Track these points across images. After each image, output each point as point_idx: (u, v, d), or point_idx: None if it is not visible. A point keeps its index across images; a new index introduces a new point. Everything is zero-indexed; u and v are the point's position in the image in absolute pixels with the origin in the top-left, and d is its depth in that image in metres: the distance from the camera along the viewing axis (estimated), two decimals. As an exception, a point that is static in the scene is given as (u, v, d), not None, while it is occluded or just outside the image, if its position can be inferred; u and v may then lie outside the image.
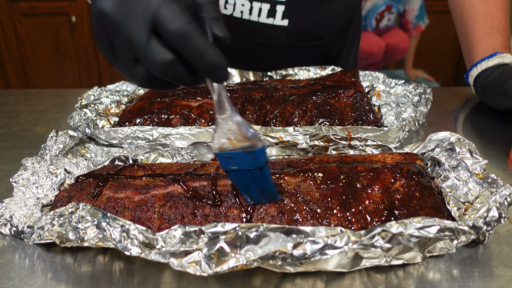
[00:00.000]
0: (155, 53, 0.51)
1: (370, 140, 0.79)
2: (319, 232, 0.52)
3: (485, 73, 1.01)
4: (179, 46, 0.51)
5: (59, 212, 0.57)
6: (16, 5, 2.87)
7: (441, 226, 0.53)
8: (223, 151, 0.59)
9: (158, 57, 0.51)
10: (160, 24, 0.50)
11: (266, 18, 1.08)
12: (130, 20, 0.51)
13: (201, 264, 0.52)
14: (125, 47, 0.52)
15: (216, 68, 0.52)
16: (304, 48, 1.17)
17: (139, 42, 0.51)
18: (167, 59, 0.51)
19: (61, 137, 0.77)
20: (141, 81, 0.55)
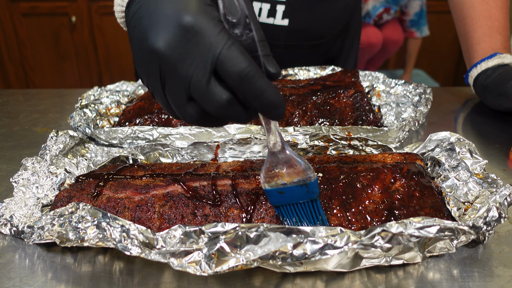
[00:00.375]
0: (214, 95, 0.51)
1: (370, 140, 0.79)
2: (319, 232, 0.52)
3: (485, 74, 1.01)
4: (239, 87, 0.50)
5: (59, 212, 0.57)
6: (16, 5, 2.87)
7: (441, 226, 0.53)
8: (274, 187, 0.58)
9: (218, 98, 0.51)
10: (222, 66, 0.50)
11: (266, 18, 1.08)
12: (189, 61, 0.50)
13: (201, 264, 0.52)
14: (180, 86, 0.52)
15: (274, 106, 0.52)
16: (304, 48, 1.17)
17: (198, 84, 0.50)
18: (225, 100, 0.51)
19: (61, 137, 0.77)
20: (192, 119, 0.54)
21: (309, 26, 1.13)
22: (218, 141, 0.79)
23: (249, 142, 0.81)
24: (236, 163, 0.71)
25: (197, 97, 0.52)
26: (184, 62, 0.50)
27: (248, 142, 0.81)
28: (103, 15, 2.95)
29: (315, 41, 1.17)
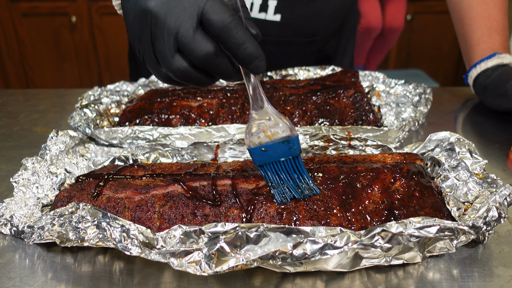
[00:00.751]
0: (200, 43, 0.55)
1: (370, 140, 0.79)
2: (319, 232, 0.52)
3: (485, 74, 1.01)
4: (222, 36, 0.55)
5: (59, 212, 0.57)
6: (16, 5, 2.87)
7: (440, 226, 0.53)
8: (257, 145, 0.61)
9: (203, 46, 0.55)
10: (206, 16, 0.55)
11: (258, 13, 1.07)
12: (177, 14, 0.55)
13: (201, 264, 0.52)
14: (169, 38, 0.56)
15: (255, 57, 0.57)
16: (297, 45, 1.15)
17: (186, 33, 0.55)
18: (211, 48, 0.56)
19: (61, 137, 0.77)
20: (180, 72, 0.58)
21: (302, 22, 1.11)
22: (218, 141, 0.79)
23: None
24: (236, 163, 0.71)
25: (185, 47, 0.56)
26: (172, 15, 0.56)
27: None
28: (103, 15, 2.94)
29: (309, 38, 1.15)
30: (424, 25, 3.17)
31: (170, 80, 0.62)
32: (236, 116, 0.90)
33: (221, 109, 0.91)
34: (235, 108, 0.91)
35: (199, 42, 0.56)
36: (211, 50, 0.56)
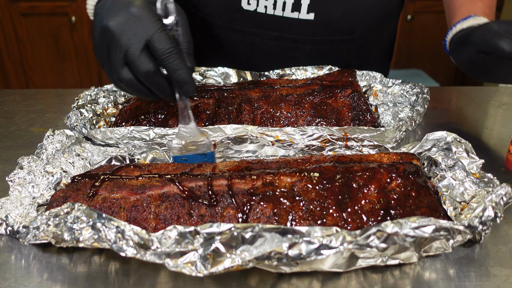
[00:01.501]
0: (143, 62, 0.71)
1: (366, 141, 0.79)
2: (315, 232, 0.52)
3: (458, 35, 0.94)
4: (162, 61, 0.71)
5: (55, 212, 0.57)
6: (16, 5, 2.87)
7: (436, 226, 0.52)
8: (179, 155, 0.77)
9: (146, 65, 0.71)
10: (153, 44, 0.70)
11: (291, 12, 1.04)
12: (129, 36, 0.70)
13: (197, 265, 0.52)
14: (120, 53, 0.71)
15: (186, 83, 0.73)
16: (334, 43, 1.11)
17: (133, 51, 0.70)
18: (151, 67, 0.71)
19: (57, 136, 0.77)
20: (125, 82, 0.73)
21: (338, 19, 1.06)
22: (214, 140, 0.79)
23: (245, 140, 0.80)
24: (232, 163, 0.71)
25: (131, 63, 0.71)
26: (125, 36, 0.70)
27: (244, 141, 0.81)
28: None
29: (347, 36, 1.10)
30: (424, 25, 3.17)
31: (120, 86, 0.76)
32: (233, 116, 0.90)
33: (217, 109, 0.90)
34: (231, 108, 0.90)
35: (142, 61, 0.70)
36: (152, 69, 0.71)
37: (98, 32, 0.73)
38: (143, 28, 0.70)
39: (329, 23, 1.06)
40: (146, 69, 0.71)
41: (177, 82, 0.73)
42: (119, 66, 0.72)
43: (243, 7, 1.05)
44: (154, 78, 0.72)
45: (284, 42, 1.09)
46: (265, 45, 1.11)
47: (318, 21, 1.05)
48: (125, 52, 0.70)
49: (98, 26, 0.73)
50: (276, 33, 1.08)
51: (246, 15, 1.06)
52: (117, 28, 0.70)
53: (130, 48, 0.70)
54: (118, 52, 0.71)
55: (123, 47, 0.70)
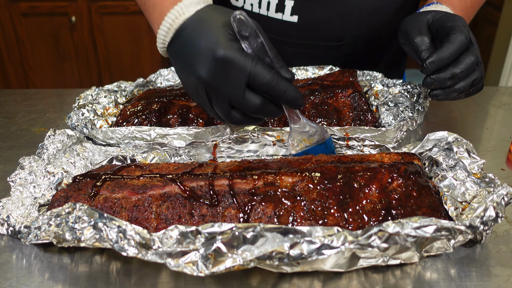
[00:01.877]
0: (249, 102, 0.70)
1: (368, 140, 0.79)
2: (316, 232, 0.52)
3: None
4: (268, 92, 0.70)
5: (56, 212, 0.57)
6: (16, 5, 2.87)
7: (437, 226, 0.52)
8: (300, 151, 0.79)
9: (252, 104, 0.70)
10: (253, 81, 0.68)
11: (275, 12, 1.03)
12: (228, 83, 0.69)
13: (198, 265, 0.52)
14: (224, 101, 0.71)
15: (296, 100, 0.72)
16: (319, 48, 1.09)
17: (237, 98, 0.70)
18: (259, 103, 0.70)
19: (58, 136, 0.77)
20: (237, 122, 0.75)
21: (322, 25, 1.04)
22: (216, 140, 0.79)
23: (246, 140, 0.80)
24: (233, 163, 0.71)
25: (238, 106, 0.71)
26: (224, 85, 0.69)
27: (246, 140, 0.81)
28: (103, 15, 2.94)
29: (333, 42, 1.08)
30: (424, 25, 3.16)
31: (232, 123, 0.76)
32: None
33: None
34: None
35: (248, 102, 0.70)
36: (259, 104, 0.70)
37: (189, 82, 0.73)
38: (238, 70, 0.68)
39: (313, 28, 1.05)
40: (255, 107, 0.70)
41: (287, 103, 0.72)
42: (226, 113, 0.73)
43: (232, 2, 1.06)
44: (264, 109, 0.71)
45: None
46: None
47: (302, 24, 1.04)
48: (229, 100, 0.70)
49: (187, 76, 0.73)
50: None
51: None
52: (211, 78, 0.69)
53: (233, 96, 0.70)
54: (222, 101, 0.71)
55: (225, 95, 0.70)
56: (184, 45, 0.73)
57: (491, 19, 2.90)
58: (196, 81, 0.71)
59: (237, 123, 0.75)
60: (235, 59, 0.67)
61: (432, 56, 0.77)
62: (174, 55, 0.76)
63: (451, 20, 0.81)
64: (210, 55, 0.68)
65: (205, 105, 0.74)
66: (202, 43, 0.69)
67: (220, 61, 0.68)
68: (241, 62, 0.67)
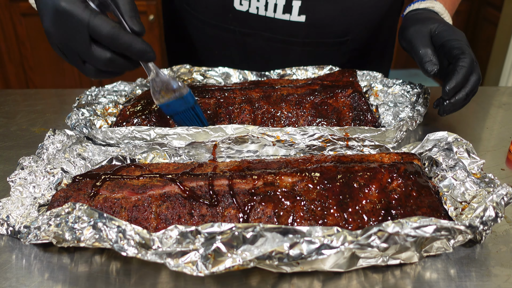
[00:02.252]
0: (96, 55, 0.71)
1: (367, 141, 0.79)
2: (316, 232, 0.52)
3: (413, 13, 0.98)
4: (111, 44, 0.70)
5: (56, 212, 0.57)
6: (16, 5, 2.87)
7: (437, 226, 0.53)
8: (163, 103, 0.83)
9: (100, 58, 0.71)
10: (94, 32, 0.69)
11: (282, 14, 1.03)
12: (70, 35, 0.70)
13: (198, 265, 0.52)
14: (74, 54, 0.73)
15: (144, 52, 0.73)
16: (325, 46, 1.10)
17: (83, 50, 0.71)
18: (107, 57, 0.71)
19: (58, 136, 0.77)
20: (92, 75, 0.76)
21: (329, 22, 1.05)
22: (215, 140, 0.79)
23: (246, 140, 0.80)
24: (233, 163, 0.71)
25: (87, 59, 0.73)
26: (67, 36, 0.71)
27: (245, 141, 0.81)
28: (102, 15, 2.94)
29: (338, 39, 1.09)
30: (424, 25, 3.16)
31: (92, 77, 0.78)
32: (234, 116, 0.90)
33: (218, 109, 0.90)
34: (232, 108, 0.90)
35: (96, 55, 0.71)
36: (108, 58, 0.72)
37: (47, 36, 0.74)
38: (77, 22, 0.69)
39: (320, 26, 1.06)
40: (103, 60, 0.72)
41: (135, 56, 0.73)
42: (80, 67, 0.75)
43: (236, 7, 1.05)
44: (114, 63, 0.73)
45: (276, 43, 1.10)
46: (257, 45, 1.11)
47: (310, 24, 1.05)
48: (76, 53, 0.72)
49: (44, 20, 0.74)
50: (268, 34, 1.08)
51: (239, 15, 1.06)
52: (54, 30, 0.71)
53: (79, 50, 0.71)
54: (71, 56, 0.73)
55: (72, 48, 0.72)
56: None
57: (491, 19, 2.90)
58: (47, 34, 0.73)
59: (92, 77, 0.77)
60: (73, 11, 0.69)
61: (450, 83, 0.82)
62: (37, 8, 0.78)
63: (456, 39, 0.86)
64: (53, 7, 0.70)
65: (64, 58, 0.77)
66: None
67: (60, 13, 0.69)
68: (79, 14, 0.69)
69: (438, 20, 0.91)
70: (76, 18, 0.69)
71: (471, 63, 0.83)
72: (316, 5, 1.02)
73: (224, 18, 1.08)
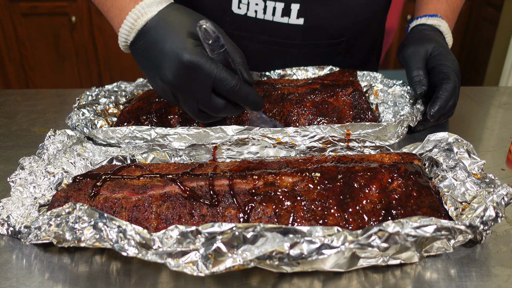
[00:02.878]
0: (215, 105, 0.77)
1: (368, 142, 0.79)
2: (316, 232, 0.52)
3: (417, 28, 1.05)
4: (231, 96, 0.77)
5: (56, 212, 0.57)
6: (16, 5, 2.87)
7: (437, 226, 0.53)
8: None
9: (217, 106, 0.78)
10: (217, 86, 0.75)
11: (280, 17, 1.04)
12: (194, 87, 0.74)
13: (198, 264, 0.52)
14: (191, 103, 0.77)
15: (256, 103, 0.79)
16: (322, 47, 1.12)
17: (203, 101, 0.77)
18: (223, 105, 0.78)
19: (59, 137, 0.77)
20: (204, 120, 0.83)
21: (327, 24, 1.07)
22: (216, 142, 0.79)
23: (246, 142, 0.80)
24: (233, 163, 0.71)
25: (204, 108, 0.78)
26: (190, 88, 0.75)
27: (246, 143, 0.80)
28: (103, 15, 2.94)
29: (335, 39, 1.11)
30: (424, 25, 3.16)
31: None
32: (235, 115, 0.90)
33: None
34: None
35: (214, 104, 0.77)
36: (223, 106, 0.78)
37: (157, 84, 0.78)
38: (204, 76, 0.73)
39: (318, 28, 1.07)
40: (219, 108, 0.78)
41: (250, 105, 0.79)
42: (194, 112, 0.80)
43: (233, 10, 1.05)
44: (226, 110, 0.79)
45: (273, 46, 1.10)
46: (254, 48, 1.12)
47: (308, 26, 1.06)
48: (196, 102, 0.77)
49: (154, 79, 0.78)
50: (266, 37, 1.09)
51: (236, 18, 1.06)
52: (178, 81, 0.74)
53: (199, 99, 0.76)
54: (189, 103, 0.77)
55: (192, 98, 0.76)
56: (149, 46, 0.77)
57: (491, 19, 2.90)
58: (162, 83, 0.76)
59: (203, 121, 0.83)
60: (201, 65, 0.72)
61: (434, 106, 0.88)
62: (138, 55, 0.80)
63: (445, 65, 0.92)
64: (176, 59, 0.72)
65: (174, 103, 0.80)
66: (167, 46, 0.73)
67: (186, 66, 0.72)
68: (206, 68, 0.72)
69: (437, 42, 0.97)
70: (204, 72, 0.72)
71: (453, 89, 0.89)
72: (314, 8, 1.04)
73: (221, 21, 1.08)
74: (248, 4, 1.03)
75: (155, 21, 0.76)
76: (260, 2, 1.02)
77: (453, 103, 0.91)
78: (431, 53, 0.96)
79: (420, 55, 0.96)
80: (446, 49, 0.96)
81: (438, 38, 0.99)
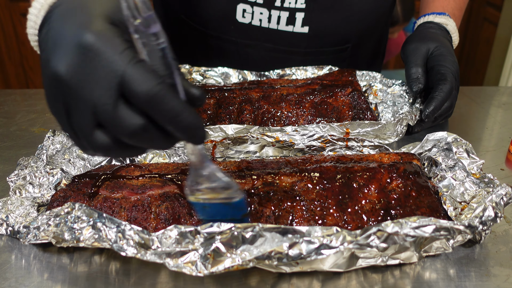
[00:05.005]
0: (123, 119, 0.44)
1: (367, 141, 0.79)
2: (315, 232, 0.52)
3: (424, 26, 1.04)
4: (150, 109, 0.44)
5: (55, 212, 0.57)
6: (16, 5, 2.87)
7: (436, 226, 0.53)
8: (196, 201, 0.55)
9: (127, 123, 0.44)
10: (128, 87, 0.43)
11: (285, 25, 1.04)
12: (92, 84, 0.44)
13: (197, 264, 0.52)
14: (85, 112, 0.45)
15: (193, 129, 0.46)
16: (326, 54, 1.12)
17: (104, 107, 0.44)
18: (138, 125, 0.44)
19: (58, 137, 0.77)
20: (104, 148, 0.47)
21: (331, 31, 1.07)
22: (214, 140, 0.79)
23: (245, 141, 0.80)
24: (232, 163, 0.71)
25: (106, 123, 0.45)
26: (87, 86, 0.44)
27: (245, 141, 0.81)
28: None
29: (339, 46, 1.11)
30: (424, 25, 3.16)
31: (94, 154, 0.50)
32: (234, 116, 0.90)
33: (218, 109, 0.90)
34: (232, 108, 0.91)
35: (122, 119, 0.44)
36: (138, 126, 0.44)
37: (46, 81, 0.47)
38: (108, 67, 0.44)
39: (323, 35, 1.07)
40: (130, 128, 0.44)
41: (180, 134, 0.46)
42: (88, 131, 0.46)
43: (238, 20, 1.05)
44: (145, 135, 0.46)
45: (278, 54, 1.10)
46: (258, 56, 1.12)
47: (312, 34, 1.06)
48: (92, 111, 0.44)
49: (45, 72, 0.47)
50: (270, 45, 1.09)
51: (241, 27, 1.06)
52: (72, 75, 0.44)
53: (98, 102, 0.44)
54: (82, 112, 0.45)
55: (88, 102, 0.44)
56: (50, 29, 0.49)
57: (491, 19, 2.90)
58: (52, 78, 0.46)
59: (101, 150, 0.47)
60: (106, 48, 0.44)
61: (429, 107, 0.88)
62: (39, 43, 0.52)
63: (444, 65, 0.92)
64: (74, 40, 0.45)
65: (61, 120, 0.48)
66: (68, 25, 0.46)
67: (85, 49, 0.44)
68: (114, 54, 0.44)
69: (440, 42, 0.96)
70: (108, 60, 0.44)
71: (450, 90, 0.89)
72: (319, 16, 1.04)
73: (225, 30, 1.08)
74: (252, 13, 1.03)
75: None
76: (264, 11, 1.02)
77: (449, 104, 0.90)
78: (432, 52, 0.95)
79: (421, 53, 0.96)
80: (448, 50, 0.95)
81: (442, 38, 0.99)
